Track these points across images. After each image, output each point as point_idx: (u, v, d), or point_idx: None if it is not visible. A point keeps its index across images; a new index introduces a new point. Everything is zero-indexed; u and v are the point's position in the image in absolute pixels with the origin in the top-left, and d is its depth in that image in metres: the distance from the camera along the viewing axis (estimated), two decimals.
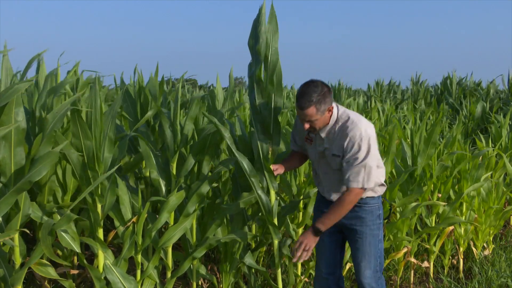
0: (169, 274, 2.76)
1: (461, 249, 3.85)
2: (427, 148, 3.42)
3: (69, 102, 2.30)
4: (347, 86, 13.67)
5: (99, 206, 2.47)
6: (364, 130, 2.30)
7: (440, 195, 3.83)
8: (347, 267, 3.36)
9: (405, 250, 3.40)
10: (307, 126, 2.37)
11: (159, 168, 2.77)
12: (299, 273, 3.27)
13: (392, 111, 7.62)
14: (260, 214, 3.00)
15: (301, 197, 3.21)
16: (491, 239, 4.23)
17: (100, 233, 2.50)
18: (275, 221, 2.68)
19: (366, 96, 12.07)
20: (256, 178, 2.62)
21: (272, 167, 2.64)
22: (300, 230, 3.23)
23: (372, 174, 2.32)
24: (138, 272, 2.62)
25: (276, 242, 2.75)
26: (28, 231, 2.33)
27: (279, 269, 2.82)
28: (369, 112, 7.69)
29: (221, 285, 3.07)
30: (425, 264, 3.72)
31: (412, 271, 3.64)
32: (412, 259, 3.51)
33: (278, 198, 2.73)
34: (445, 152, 3.98)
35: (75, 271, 2.98)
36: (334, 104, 2.39)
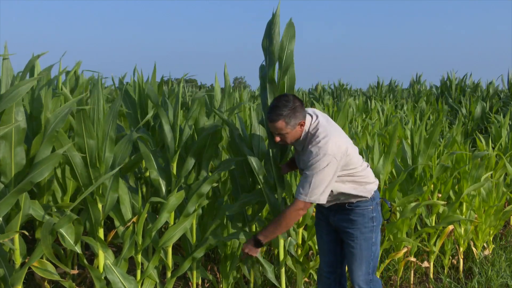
0: (169, 274, 2.76)
1: (461, 249, 3.85)
2: (428, 148, 3.42)
3: (72, 103, 2.31)
4: (349, 87, 13.69)
5: (99, 206, 2.47)
6: (325, 149, 2.25)
7: (440, 195, 3.83)
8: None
9: (405, 250, 3.40)
10: (277, 139, 2.38)
11: (159, 168, 2.77)
12: None
13: (392, 111, 7.64)
14: (260, 214, 3.00)
15: None
16: (491, 239, 4.23)
17: (101, 233, 2.51)
18: None
19: (366, 96, 12.09)
20: (264, 176, 2.63)
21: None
22: (301, 230, 3.24)
23: (316, 191, 2.26)
24: (138, 272, 2.63)
25: (282, 241, 2.76)
26: (27, 233, 2.34)
27: (283, 268, 2.83)
28: (369, 112, 7.71)
29: (221, 285, 3.07)
30: (425, 264, 3.72)
31: (412, 271, 3.64)
32: (412, 259, 3.51)
33: (284, 196, 2.74)
34: (445, 152, 3.98)
35: (75, 271, 2.97)
36: (308, 116, 2.39)
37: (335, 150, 2.26)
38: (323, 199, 2.30)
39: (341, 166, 2.31)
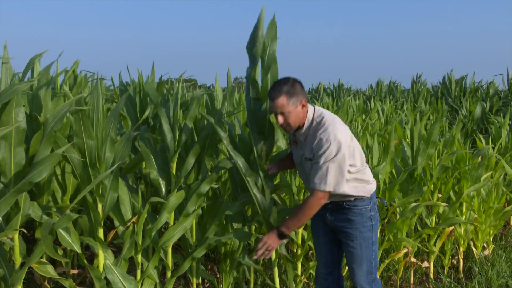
0: (169, 274, 2.76)
1: (461, 249, 3.85)
2: (427, 147, 3.42)
3: (70, 103, 2.30)
4: (348, 87, 13.68)
5: (99, 206, 2.47)
6: (334, 135, 2.26)
7: (440, 195, 3.83)
8: (347, 267, 3.35)
9: (405, 250, 3.40)
10: (280, 120, 2.35)
11: (159, 168, 2.77)
12: (299, 273, 3.27)
13: (392, 111, 7.64)
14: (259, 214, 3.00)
15: (302, 197, 3.21)
16: (491, 239, 4.23)
17: (101, 233, 2.51)
18: (271, 220, 2.68)
19: (366, 96, 12.09)
20: (251, 178, 2.63)
21: (266, 166, 2.65)
22: (300, 231, 3.24)
23: (333, 178, 2.28)
24: (138, 272, 2.62)
25: None
26: (25, 231, 2.33)
27: (276, 268, 2.84)
28: (369, 113, 7.71)
29: (221, 285, 3.07)
30: (425, 264, 3.72)
31: (412, 271, 3.64)
32: (412, 259, 3.51)
33: (273, 197, 2.74)
34: (444, 152, 3.98)
35: (75, 271, 2.98)
36: (311, 106, 2.41)
37: (344, 136, 2.30)
38: (342, 186, 2.31)
39: (348, 154, 2.32)
